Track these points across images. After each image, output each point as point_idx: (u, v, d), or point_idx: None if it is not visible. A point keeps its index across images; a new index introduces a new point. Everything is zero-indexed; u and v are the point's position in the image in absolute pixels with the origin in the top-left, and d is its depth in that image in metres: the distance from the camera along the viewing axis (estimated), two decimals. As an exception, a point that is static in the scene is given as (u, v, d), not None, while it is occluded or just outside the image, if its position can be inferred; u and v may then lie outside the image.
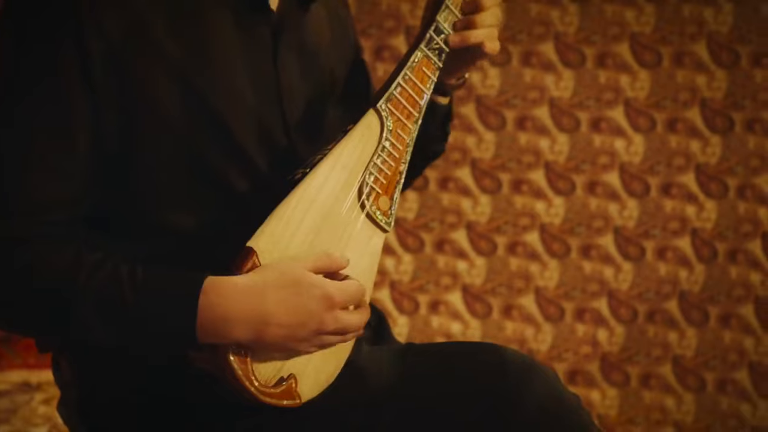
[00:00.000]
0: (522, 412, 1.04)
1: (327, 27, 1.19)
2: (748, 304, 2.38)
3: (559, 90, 2.38)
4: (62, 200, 0.99)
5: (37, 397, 2.27)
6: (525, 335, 2.44)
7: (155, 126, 1.02)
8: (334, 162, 1.06)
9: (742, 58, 2.34)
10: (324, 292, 0.99)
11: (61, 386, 1.17)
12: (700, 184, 2.38)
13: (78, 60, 0.98)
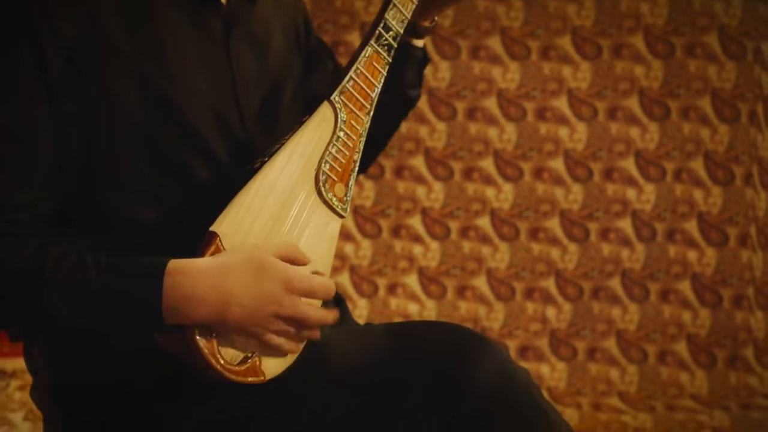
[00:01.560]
0: (474, 387, 1.04)
1: (275, 17, 1.18)
2: (685, 281, 2.42)
3: (506, 82, 2.40)
4: (24, 202, 0.98)
5: (12, 384, 2.24)
6: (478, 314, 2.45)
7: (116, 124, 1.01)
8: (291, 151, 1.05)
9: (677, 49, 2.37)
10: (285, 276, 0.99)
11: (33, 373, 1.16)
12: (639, 168, 2.40)
13: (36, 66, 0.96)
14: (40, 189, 0.99)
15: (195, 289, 0.96)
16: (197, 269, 0.97)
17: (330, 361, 1.09)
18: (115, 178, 1.03)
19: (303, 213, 1.06)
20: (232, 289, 0.97)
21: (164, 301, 0.95)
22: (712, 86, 2.37)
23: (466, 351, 1.07)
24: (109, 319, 0.97)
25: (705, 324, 2.42)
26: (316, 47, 1.31)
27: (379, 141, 1.33)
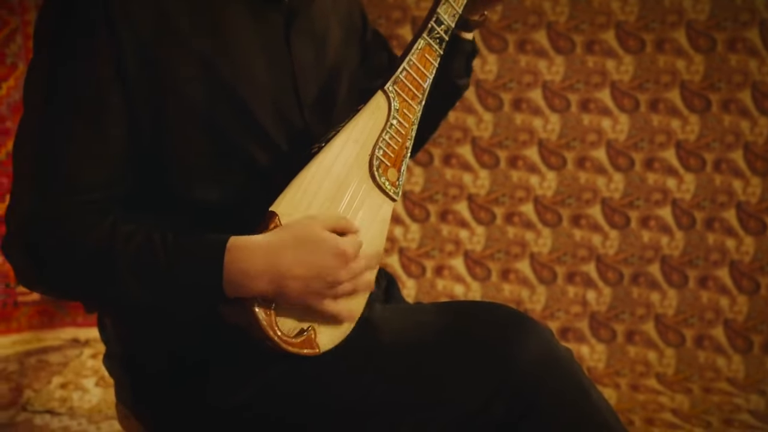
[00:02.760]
0: (519, 365, 1.04)
1: (332, 11, 1.18)
2: (723, 268, 2.37)
3: (551, 74, 2.37)
4: (98, 182, 1.00)
5: (86, 352, 2.29)
6: (521, 296, 2.44)
7: (182, 110, 1.02)
8: (347, 137, 1.06)
9: (718, 43, 2.32)
10: (338, 247, 0.99)
11: (105, 342, 1.18)
12: (679, 158, 2.36)
13: (111, 53, 0.97)
14: (113, 171, 1.01)
15: (252, 265, 0.97)
16: (254, 245, 0.98)
17: (381, 336, 1.10)
18: (181, 162, 1.04)
19: (357, 196, 1.07)
20: (287, 263, 0.97)
21: (225, 276, 0.97)
22: (752, 79, 2.32)
23: (511, 330, 1.07)
24: (174, 293, 0.99)
25: (742, 310, 2.38)
26: (373, 39, 1.32)
27: (428, 128, 1.33)
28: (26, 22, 2.31)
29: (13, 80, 2.31)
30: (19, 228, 0.99)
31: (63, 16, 0.99)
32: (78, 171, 0.98)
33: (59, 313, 2.38)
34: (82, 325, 2.36)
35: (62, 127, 0.98)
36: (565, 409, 1.05)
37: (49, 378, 2.15)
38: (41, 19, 1.02)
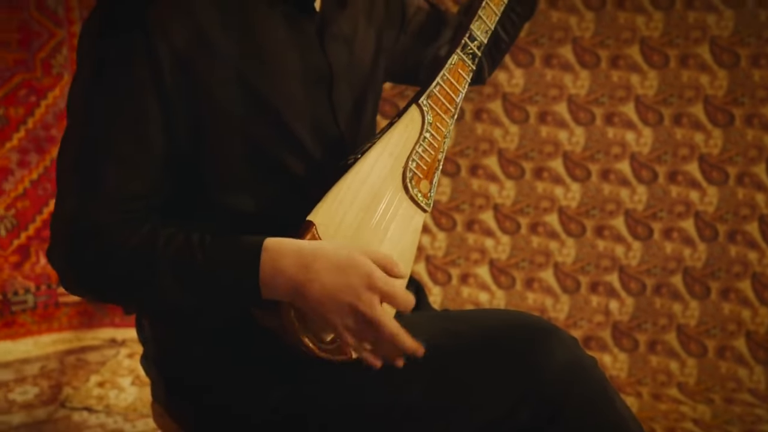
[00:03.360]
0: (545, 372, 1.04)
1: (362, 15, 1.18)
2: (745, 280, 2.34)
3: (577, 88, 2.36)
4: (138, 191, 1.00)
5: (122, 352, 2.30)
6: (545, 305, 2.43)
7: (219, 121, 1.02)
8: (382, 149, 1.06)
9: (741, 59, 2.29)
10: (369, 272, 0.96)
11: (143, 342, 1.19)
12: (702, 172, 2.34)
13: (150, 69, 0.98)
14: (154, 181, 1.01)
15: (285, 263, 0.96)
16: (291, 247, 0.97)
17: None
18: (218, 172, 1.05)
19: (391, 206, 1.07)
20: (317, 268, 0.95)
21: (261, 275, 0.96)
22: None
23: (537, 338, 1.06)
24: (211, 291, 0.99)
25: (764, 321, 2.34)
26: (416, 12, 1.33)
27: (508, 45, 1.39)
28: (72, 34, 2.34)
29: (59, 90, 2.34)
30: (62, 235, 1.00)
31: (104, 31, 1.00)
32: (118, 180, 0.99)
33: (98, 313, 2.40)
34: (120, 325, 2.38)
35: (103, 138, 0.99)
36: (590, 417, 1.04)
37: (87, 376, 2.17)
38: (84, 33, 1.03)
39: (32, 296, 2.36)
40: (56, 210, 1.02)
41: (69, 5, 2.33)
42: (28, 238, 2.36)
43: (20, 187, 2.33)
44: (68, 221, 0.99)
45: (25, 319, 2.35)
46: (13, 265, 2.34)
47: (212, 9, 1.01)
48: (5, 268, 2.34)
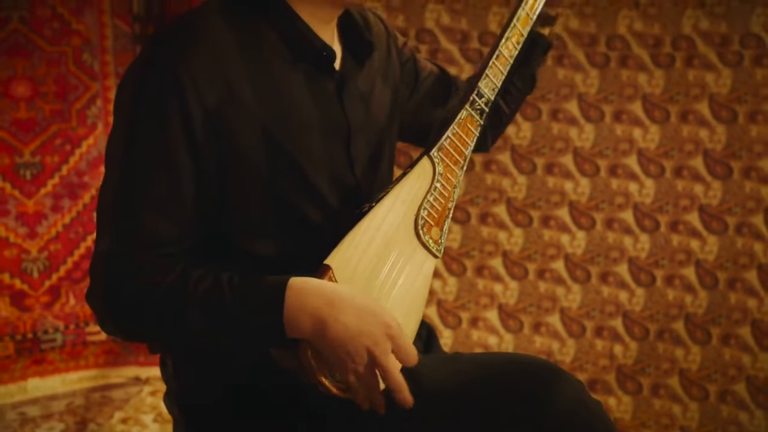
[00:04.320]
0: (553, 414, 1.03)
1: (378, 75, 1.20)
2: (745, 326, 2.32)
3: (581, 141, 2.37)
4: (173, 237, 1.01)
5: (145, 390, 2.30)
6: (551, 348, 2.41)
7: (245, 173, 1.04)
8: (395, 198, 1.07)
9: (739, 115, 2.30)
10: (388, 323, 0.96)
11: (166, 381, 1.18)
12: (702, 221, 2.33)
13: (182, 123, 1.00)
14: (185, 227, 1.02)
15: (308, 301, 0.96)
16: (316, 286, 0.98)
17: (422, 383, 1.09)
18: (243, 219, 1.06)
19: (404, 253, 1.07)
20: (339, 307, 0.96)
21: (285, 313, 0.96)
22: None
23: (546, 381, 1.06)
24: (239, 330, 0.99)
25: (764, 367, 2.31)
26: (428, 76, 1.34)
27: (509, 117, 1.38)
28: (106, 87, 2.39)
29: (93, 139, 2.38)
30: (100, 277, 1.01)
31: (140, 87, 1.02)
32: (152, 227, 1.00)
33: (123, 352, 2.40)
34: (144, 364, 2.37)
35: (138, 189, 1.01)
36: (595, 458, 1.03)
37: (111, 413, 2.16)
38: (121, 89, 1.05)
39: (61, 335, 2.37)
40: (95, 253, 1.03)
41: (104, 60, 2.37)
42: (59, 279, 2.37)
43: (53, 231, 2.35)
44: (106, 264, 1.01)
45: (53, 357, 2.35)
46: (44, 305, 2.35)
47: (241, 68, 1.03)
48: (36, 307, 2.34)
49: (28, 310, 2.34)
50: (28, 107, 2.31)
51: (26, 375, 2.29)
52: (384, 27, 1.25)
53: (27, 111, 2.31)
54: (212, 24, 1.04)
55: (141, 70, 1.03)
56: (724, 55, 2.27)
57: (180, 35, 1.03)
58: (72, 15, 2.32)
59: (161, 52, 1.02)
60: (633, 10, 2.29)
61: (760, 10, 2.23)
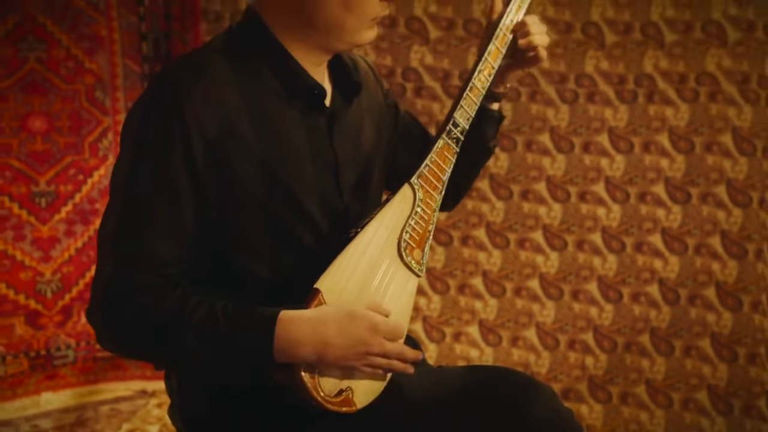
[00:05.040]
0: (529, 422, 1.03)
1: (365, 112, 1.21)
2: (705, 339, 2.32)
3: (554, 170, 2.39)
4: (174, 258, 1.01)
5: (152, 402, 2.27)
6: (528, 360, 2.40)
7: (242, 200, 1.04)
8: (379, 223, 1.07)
9: (696, 146, 2.32)
10: (371, 322, 1.00)
11: (170, 394, 1.18)
12: (665, 243, 2.34)
13: (185, 155, 1.00)
14: (186, 249, 1.02)
15: (300, 335, 0.97)
16: (302, 319, 0.98)
17: (409, 395, 1.09)
18: (240, 242, 1.06)
19: (388, 273, 1.07)
20: (330, 334, 0.97)
21: (275, 344, 0.97)
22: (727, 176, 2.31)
23: (522, 393, 1.06)
24: (231, 357, 0.99)
25: (723, 377, 2.31)
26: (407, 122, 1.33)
27: (466, 184, 1.35)
28: (116, 121, 2.39)
29: (104, 169, 2.37)
30: (102, 296, 1.00)
31: (145, 120, 1.02)
32: (154, 249, 1.00)
33: (130, 367, 2.38)
34: (150, 378, 2.35)
35: (141, 212, 1.01)
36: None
37: (119, 424, 2.14)
38: (128, 121, 1.06)
39: (73, 351, 2.35)
40: (97, 274, 1.03)
41: (115, 97, 2.38)
42: (71, 299, 2.35)
43: (66, 254, 2.34)
44: (107, 284, 1.00)
45: (65, 372, 2.33)
46: (57, 324, 2.33)
47: (240, 104, 1.03)
48: (50, 326, 2.33)
49: (42, 329, 2.32)
50: (44, 140, 2.30)
51: (39, 389, 2.27)
52: (371, 70, 1.26)
53: (43, 144, 2.30)
54: (214, 63, 1.04)
55: (147, 104, 1.03)
56: (682, 92, 2.29)
57: (184, 72, 1.04)
58: (85, 55, 2.33)
59: (166, 88, 1.03)
60: (599, 51, 2.31)
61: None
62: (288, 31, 1.06)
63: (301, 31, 1.06)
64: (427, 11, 2.35)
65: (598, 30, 2.30)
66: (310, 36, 1.07)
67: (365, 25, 1.07)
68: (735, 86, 2.25)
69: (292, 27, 1.06)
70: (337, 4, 1.03)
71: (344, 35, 1.06)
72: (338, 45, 1.09)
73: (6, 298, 2.28)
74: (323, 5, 1.03)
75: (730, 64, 2.25)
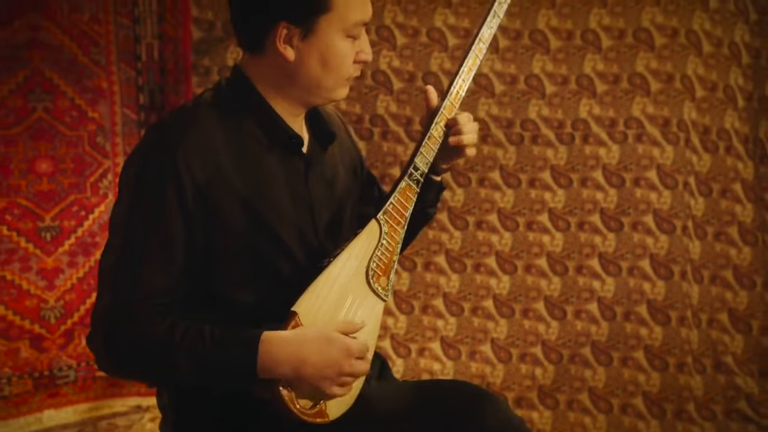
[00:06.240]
0: (483, 429, 1.03)
1: (340, 157, 1.22)
2: (639, 351, 2.35)
3: (504, 203, 2.41)
4: (165, 290, 1.01)
5: (146, 417, 2.23)
6: (485, 372, 2.40)
7: (227, 237, 1.04)
8: (349, 254, 1.07)
9: (626, 181, 2.36)
10: (345, 345, 1.00)
11: (162, 409, 1.16)
12: (602, 266, 2.37)
13: (177, 197, 1.00)
14: (176, 280, 1.01)
15: (280, 354, 0.97)
16: (282, 339, 0.98)
17: (376, 407, 1.09)
18: (225, 272, 1.06)
19: (357, 298, 1.07)
20: (307, 354, 0.98)
21: (258, 362, 0.96)
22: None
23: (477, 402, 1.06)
24: (218, 375, 0.98)
25: (657, 384, 2.34)
26: (367, 179, 1.34)
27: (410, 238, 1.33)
28: (116, 164, 2.37)
29: (104, 206, 2.35)
30: (100, 324, 0.99)
31: (142, 165, 1.02)
32: (148, 281, 0.99)
33: (126, 384, 2.33)
34: (145, 394, 2.31)
35: (137, 248, 1.00)
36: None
37: (116, 438, 2.08)
38: (126, 166, 1.05)
39: (74, 371, 2.29)
40: (97, 304, 1.02)
41: (114, 142, 2.36)
42: (73, 324, 2.31)
43: (68, 283, 2.30)
44: (105, 312, 0.99)
45: (66, 391, 2.27)
46: (59, 346, 2.28)
47: (227, 152, 1.04)
48: (53, 348, 2.27)
49: (46, 351, 2.27)
50: (49, 181, 2.28)
51: (42, 407, 2.21)
52: (343, 124, 1.27)
53: (48, 184, 2.27)
54: (203, 115, 1.05)
55: (144, 151, 1.03)
56: (612, 134, 2.35)
57: (176, 123, 1.04)
58: (88, 105, 2.31)
59: (161, 137, 1.03)
60: (540, 99, 2.36)
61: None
62: (271, 87, 1.08)
63: (283, 87, 1.08)
64: (391, 65, 2.38)
65: (539, 81, 2.36)
66: (291, 92, 1.08)
67: (340, 84, 1.09)
68: (658, 129, 2.32)
69: (275, 84, 1.08)
70: (317, 66, 1.05)
71: (322, 92, 1.08)
72: (316, 100, 1.11)
73: (12, 324, 2.22)
74: (305, 67, 1.05)
75: (653, 110, 2.31)
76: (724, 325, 2.32)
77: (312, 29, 1.03)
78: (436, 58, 2.36)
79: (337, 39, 1.04)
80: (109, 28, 2.28)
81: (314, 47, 1.04)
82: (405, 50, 2.36)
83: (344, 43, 1.05)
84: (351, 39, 1.06)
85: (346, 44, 1.05)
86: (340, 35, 1.04)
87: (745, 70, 2.27)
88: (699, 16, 2.26)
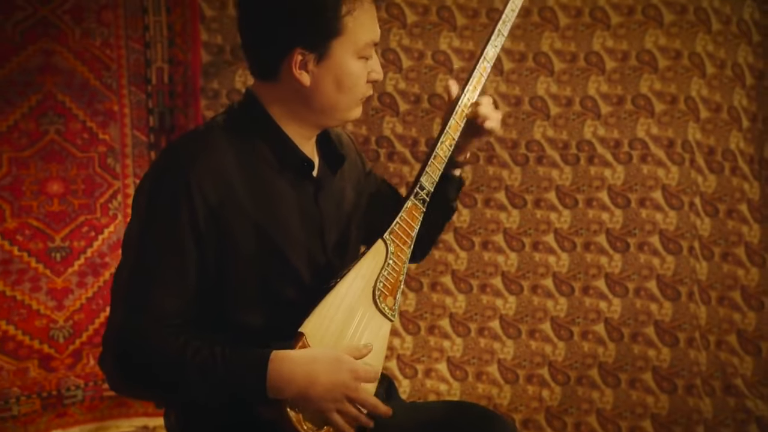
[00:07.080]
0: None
1: (347, 177, 1.23)
2: (647, 372, 2.32)
3: (509, 223, 2.41)
4: (177, 311, 1.01)
5: (152, 437, 2.21)
6: (491, 393, 2.38)
7: (238, 259, 1.04)
8: (356, 274, 1.07)
9: (632, 201, 2.36)
10: (353, 368, 1.00)
11: (169, 430, 1.15)
12: (608, 286, 2.36)
13: (189, 219, 1.01)
14: (188, 302, 1.02)
15: (290, 373, 0.97)
16: (292, 359, 0.98)
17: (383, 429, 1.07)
18: (235, 294, 1.06)
19: (364, 318, 1.07)
20: (316, 373, 0.97)
21: (267, 381, 0.96)
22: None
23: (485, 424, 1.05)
24: (228, 393, 0.98)
25: (665, 406, 2.31)
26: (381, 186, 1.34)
27: (431, 240, 1.34)
28: (125, 185, 2.39)
29: (113, 227, 2.36)
30: (112, 344, 1.00)
31: (156, 188, 1.03)
32: (160, 303, 1.00)
33: (134, 404, 2.32)
34: (152, 414, 2.29)
35: (150, 269, 1.01)
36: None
37: (122, 458, 2.07)
38: (140, 188, 1.06)
39: (82, 391, 2.28)
40: (109, 324, 1.02)
41: (125, 164, 2.38)
42: (81, 344, 2.30)
43: (78, 303, 2.30)
44: (118, 333, 0.99)
45: (74, 411, 2.26)
46: (67, 366, 2.28)
47: (238, 174, 1.05)
48: (61, 368, 2.27)
49: (54, 371, 2.26)
50: (60, 202, 2.29)
51: (50, 427, 2.20)
52: (352, 143, 1.29)
53: (59, 205, 2.29)
54: (215, 138, 1.06)
55: (157, 174, 1.04)
56: (617, 155, 2.35)
57: (189, 146, 1.05)
58: (99, 128, 2.34)
59: (174, 160, 1.04)
60: (545, 121, 2.37)
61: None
62: (284, 112, 1.09)
63: (297, 111, 1.09)
64: (397, 87, 2.40)
65: (544, 103, 2.37)
66: (306, 115, 1.09)
67: (355, 104, 1.10)
68: (662, 149, 2.32)
69: (289, 108, 1.08)
70: (332, 88, 1.06)
71: (337, 114, 1.09)
72: (330, 122, 1.12)
73: (22, 343, 2.23)
74: (321, 91, 1.06)
75: (657, 131, 2.31)
76: (732, 347, 2.29)
77: (326, 53, 1.04)
78: (442, 80, 2.38)
79: (351, 61, 1.06)
80: (120, 52, 2.31)
81: (329, 71, 1.05)
82: (411, 72, 2.38)
83: (357, 64, 1.06)
84: (363, 60, 1.07)
85: (359, 65, 1.07)
86: (352, 57, 1.05)
87: (749, 91, 2.28)
88: (702, 38, 2.27)
